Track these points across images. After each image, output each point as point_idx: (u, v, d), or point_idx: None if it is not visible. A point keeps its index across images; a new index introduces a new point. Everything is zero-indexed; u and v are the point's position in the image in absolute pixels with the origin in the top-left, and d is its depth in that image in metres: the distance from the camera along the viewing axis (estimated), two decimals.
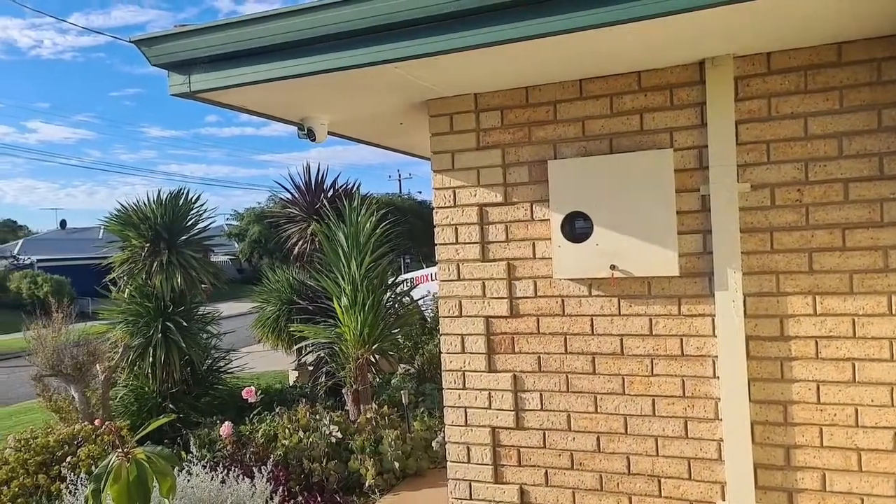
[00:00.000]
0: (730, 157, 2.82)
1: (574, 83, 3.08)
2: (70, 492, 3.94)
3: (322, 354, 7.31)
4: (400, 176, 52.27)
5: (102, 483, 2.26)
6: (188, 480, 3.87)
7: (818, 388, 2.75)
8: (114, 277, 7.33)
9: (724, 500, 2.88)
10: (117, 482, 2.26)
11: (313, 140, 3.66)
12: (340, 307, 6.23)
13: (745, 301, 2.82)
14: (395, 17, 2.44)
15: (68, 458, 4.71)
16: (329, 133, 3.86)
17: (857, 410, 2.70)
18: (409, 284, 8.88)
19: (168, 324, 6.93)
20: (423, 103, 3.39)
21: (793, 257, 2.77)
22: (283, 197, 9.87)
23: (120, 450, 2.30)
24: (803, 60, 2.73)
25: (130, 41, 2.87)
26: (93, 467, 3.23)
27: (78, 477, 4.10)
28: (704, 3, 2.11)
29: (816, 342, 2.75)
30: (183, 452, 5.11)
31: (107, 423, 2.73)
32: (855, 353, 2.70)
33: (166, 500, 2.52)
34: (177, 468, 2.81)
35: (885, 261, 2.65)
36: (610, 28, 2.27)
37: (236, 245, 34.57)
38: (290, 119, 3.65)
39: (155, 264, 6.98)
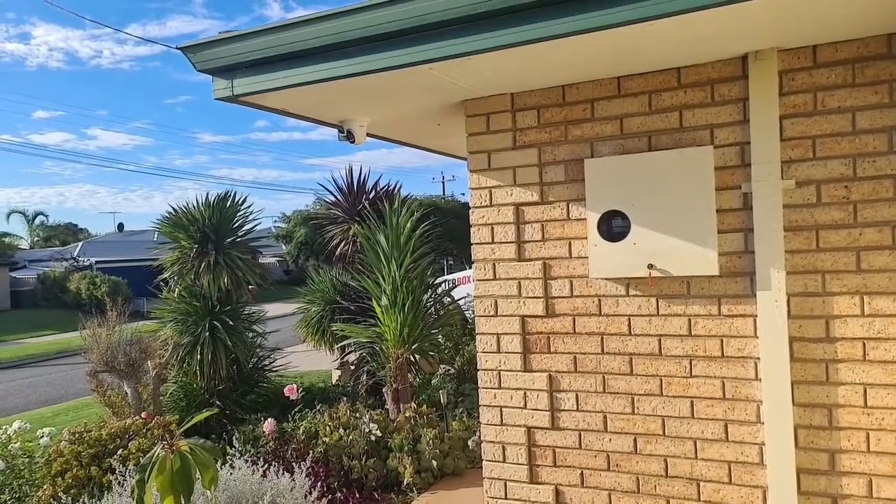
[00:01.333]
0: (773, 154, 2.74)
1: (611, 81, 3.05)
2: (119, 483, 4.08)
3: (363, 354, 7.40)
4: (444, 178, 52.45)
5: (147, 473, 2.35)
6: (231, 473, 3.97)
7: (865, 392, 2.65)
8: (165, 278, 7.59)
9: None
10: (162, 473, 2.34)
11: (353, 142, 3.70)
12: (380, 307, 6.30)
13: (788, 301, 2.74)
14: (432, 18, 2.46)
15: (119, 451, 4.85)
16: (368, 135, 3.91)
17: None
18: (449, 286, 8.91)
19: (215, 323, 7.13)
20: (459, 104, 3.40)
21: (840, 256, 2.68)
22: (326, 199, 10.05)
23: (165, 442, 2.38)
24: (851, 53, 2.65)
25: (177, 48, 2.98)
26: (142, 460, 3.32)
27: (128, 469, 4.22)
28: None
29: (864, 344, 2.65)
30: (227, 447, 5.25)
31: (156, 417, 2.83)
32: None
33: (208, 491, 2.60)
34: (219, 461, 2.89)
35: None
36: (651, 23, 2.23)
37: (284, 247, 35.26)
38: (329, 121, 3.71)
39: (203, 265, 7.18)
